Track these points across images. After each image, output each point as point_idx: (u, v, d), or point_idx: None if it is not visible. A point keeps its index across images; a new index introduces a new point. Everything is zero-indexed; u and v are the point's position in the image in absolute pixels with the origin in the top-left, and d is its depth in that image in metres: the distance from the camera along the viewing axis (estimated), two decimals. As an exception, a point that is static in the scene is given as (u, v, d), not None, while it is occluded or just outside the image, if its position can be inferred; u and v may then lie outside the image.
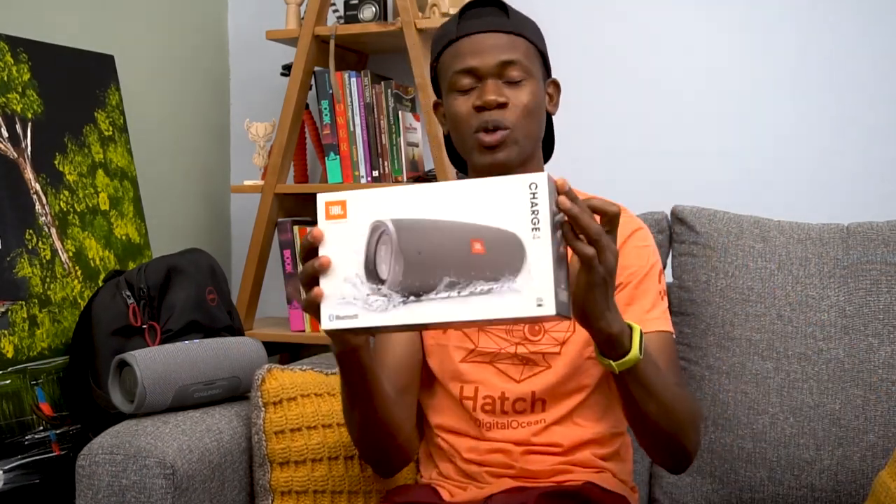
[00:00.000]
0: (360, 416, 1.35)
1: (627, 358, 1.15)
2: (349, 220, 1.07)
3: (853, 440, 1.59)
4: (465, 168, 1.51)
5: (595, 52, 2.35)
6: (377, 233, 1.07)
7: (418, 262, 1.05)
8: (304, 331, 2.38)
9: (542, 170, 1.46)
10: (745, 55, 2.26)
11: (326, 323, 1.09)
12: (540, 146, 1.45)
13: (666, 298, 1.42)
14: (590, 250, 1.06)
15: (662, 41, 2.32)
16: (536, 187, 1.02)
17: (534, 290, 1.02)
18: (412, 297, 1.06)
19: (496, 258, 1.03)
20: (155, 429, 1.46)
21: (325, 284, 1.08)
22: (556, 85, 1.46)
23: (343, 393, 1.33)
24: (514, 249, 1.03)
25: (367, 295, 1.07)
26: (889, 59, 2.16)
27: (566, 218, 1.05)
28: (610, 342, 1.15)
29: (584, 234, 1.05)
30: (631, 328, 1.17)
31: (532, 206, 1.02)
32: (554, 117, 1.48)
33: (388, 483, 1.52)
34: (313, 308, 1.09)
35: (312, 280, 1.09)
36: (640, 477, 1.70)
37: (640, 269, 1.40)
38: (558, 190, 1.05)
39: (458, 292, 1.04)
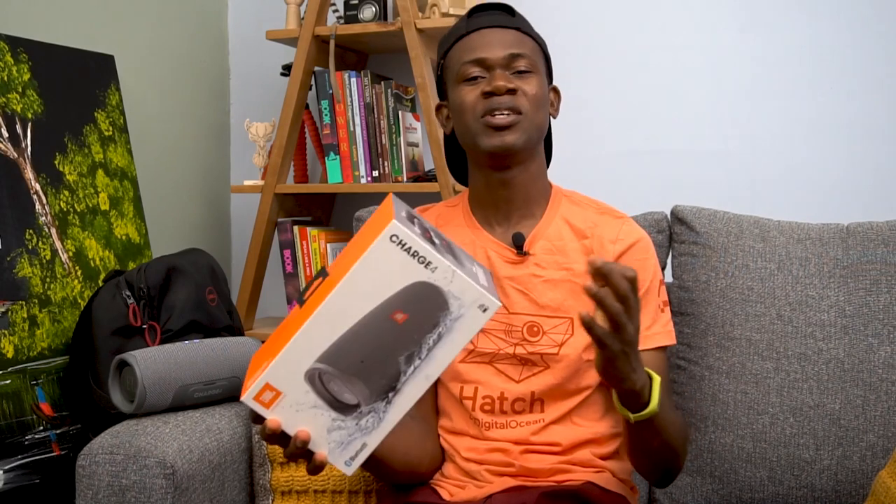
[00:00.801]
0: (391, 480, 1.43)
1: (646, 411, 1.19)
2: (285, 393, 1.06)
3: (853, 440, 1.59)
4: (462, 172, 1.51)
5: (595, 53, 2.35)
6: (316, 379, 1.06)
7: (368, 369, 1.06)
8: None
9: (544, 169, 1.47)
10: (745, 55, 2.26)
11: (349, 469, 1.10)
12: (542, 144, 1.45)
13: (668, 309, 1.44)
14: (602, 331, 1.08)
15: (662, 41, 2.32)
16: (397, 237, 1.01)
17: (471, 304, 1.04)
18: (391, 393, 1.07)
19: (421, 312, 1.05)
20: (155, 429, 1.46)
21: (316, 448, 1.09)
22: (557, 92, 1.48)
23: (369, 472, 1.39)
24: (428, 292, 1.04)
25: (357, 422, 1.08)
26: (889, 60, 2.16)
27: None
28: (633, 396, 1.18)
29: (617, 301, 1.07)
30: (651, 378, 1.19)
31: (409, 252, 1.02)
32: (554, 119, 1.49)
33: (389, 483, 1.52)
34: (324, 468, 1.11)
35: (304, 453, 1.10)
36: (640, 477, 1.70)
37: (640, 283, 1.39)
38: (592, 267, 1.06)
39: (419, 358, 1.07)
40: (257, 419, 1.10)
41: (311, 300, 1.07)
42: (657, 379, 1.19)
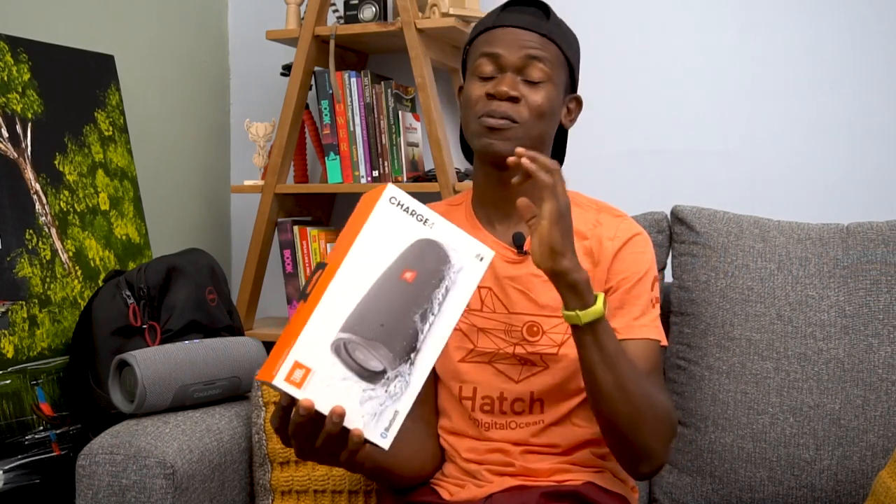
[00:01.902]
0: (395, 485, 1.43)
1: (592, 309, 1.21)
2: (315, 368, 1.07)
3: (853, 440, 1.59)
4: (472, 159, 1.51)
5: (595, 53, 2.35)
6: (341, 349, 1.09)
7: (388, 332, 1.10)
8: (304, 331, 2.37)
9: None
10: (745, 55, 2.26)
11: (385, 441, 1.11)
12: (545, 151, 1.43)
13: (658, 307, 1.41)
14: (549, 179, 1.18)
15: (663, 41, 2.32)
16: (395, 198, 1.12)
17: (468, 255, 1.14)
18: (413, 354, 1.11)
19: (427, 268, 1.11)
20: (155, 429, 1.46)
21: (350, 424, 1.09)
22: (579, 101, 1.46)
23: (373, 480, 1.41)
24: (430, 248, 1.12)
25: (386, 390, 1.10)
26: (889, 60, 2.16)
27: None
28: (575, 289, 1.20)
29: (543, 168, 1.18)
30: (595, 294, 1.23)
31: (408, 211, 1.12)
32: (567, 129, 1.48)
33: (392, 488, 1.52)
34: (360, 449, 1.11)
35: (340, 434, 1.09)
36: (640, 477, 1.70)
37: (634, 275, 1.40)
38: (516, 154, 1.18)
39: (433, 314, 1.12)
40: (278, 418, 1.10)
41: (319, 284, 1.10)
42: (601, 294, 1.23)
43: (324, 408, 1.07)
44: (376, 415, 1.09)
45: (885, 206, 2.12)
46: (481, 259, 1.14)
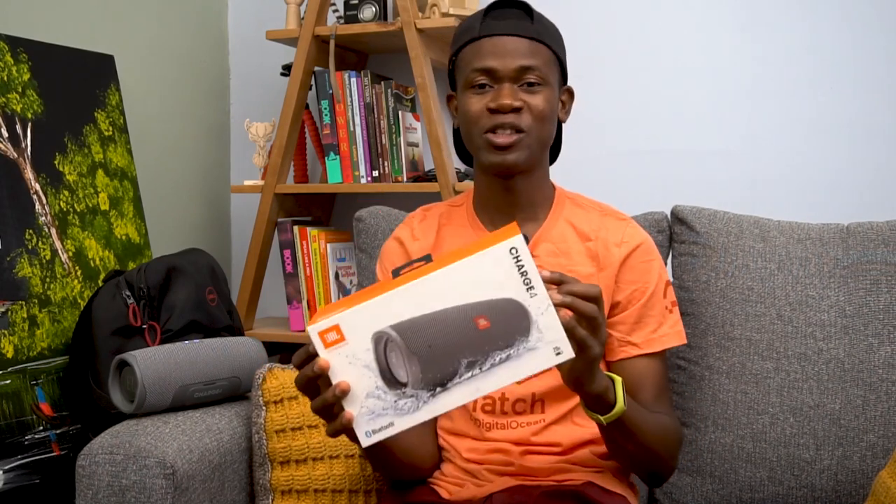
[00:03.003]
0: (388, 472, 1.43)
1: (614, 412, 1.21)
2: (349, 342, 1.08)
3: (853, 440, 1.59)
4: (471, 163, 1.51)
5: (595, 53, 2.35)
6: (381, 343, 1.08)
7: (431, 356, 1.07)
8: (303, 331, 2.37)
9: (548, 173, 1.47)
10: (745, 55, 2.26)
11: (366, 440, 1.10)
12: (546, 153, 1.45)
13: (676, 309, 1.46)
14: (584, 333, 1.10)
15: (662, 41, 2.32)
16: (517, 250, 1.05)
17: (548, 342, 1.07)
18: (438, 388, 1.08)
19: (503, 327, 1.06)
20: (155, 429, 1.46)
21: (349, 406, 1.09)
22: (570, 93, 1.46)
23: (368, 460, 1.39)
24: (517, 313, 1.06)
25: (395, 401, 1.09)
26: (889, 60, 2.16)
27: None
28: (598, 400, 1.20)
29: (580, 315, 1.10)
30: (613, 381, 1.21)
31: (519, 269, 1.05)
32: (564, 122, 1.48)
33: (389, 482, 1.52)
34: (346, 432, 1.11)
35: (334, 407, 1.10)
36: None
37: (646, 287, 1.42)
38: (548, 281, 1.09)
39: (480, 368, 1.08)
40: (300, 360, 1.11)
41: (409, 275, 1.08)
42: (618, 380, 1.22)
43: (334, 377, 1.08)
44: (374, 414, 1.09)
45: (885, 206, 2.12)
46: (558, 353, 1.07)
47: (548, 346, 1.07)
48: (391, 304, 1.07)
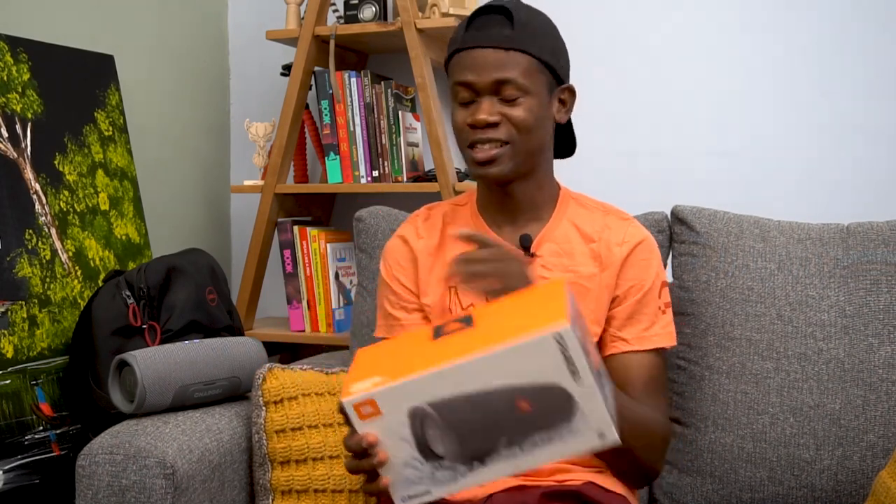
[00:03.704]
0: None
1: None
2: (385, 415, 1.06)
3: (853, 440, 1.59)
4: None
5: (595, 53, 2.35)
6: (418, 418, 1.06)
7: (470, 434, 1.05)
8: (303, 331, 2.38)
9: (550, 175, 1.46)
10: (745, 55, 2.26)
11: None
12: (545, 157, 1.43)
13: (669, 311, 1.46)
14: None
15: (662, 41, 2.32)
16: (563, 340, 1.00)
17: (592, 426, 1.03)
18: (476, 462, 1.06)
19: (545, 410, 1.03)
20: (155, 429, 1.46)
21: (385, 472, 1.08)
22: (572, 91, 1.43)
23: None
24: (561, 397, 1.03)
25: (433, 472, 1.07)
26: (889, 60, 2.16)
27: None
28: None
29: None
30: None
31: (565, 357, 1.01)
32: (561, 123, 1.45)
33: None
34: (384, 494, 1.10)
35: (371, 473, 1.10)
36: (640, 477, 1.70)
37: (643, 284, 1.42)
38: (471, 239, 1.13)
39: (520, 448, 1.05)
40: (348, 420, 1.10)
41: (449, 345, 1.06)
42: None
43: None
44: (409, 481, 1.08)
45: (885, 206, 2.12)
46: (601, 437, 1.04)
47: (591, 431, 1.03)
48: (429, 383, 1.04)
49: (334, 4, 2.40)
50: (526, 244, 1.42)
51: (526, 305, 1.07)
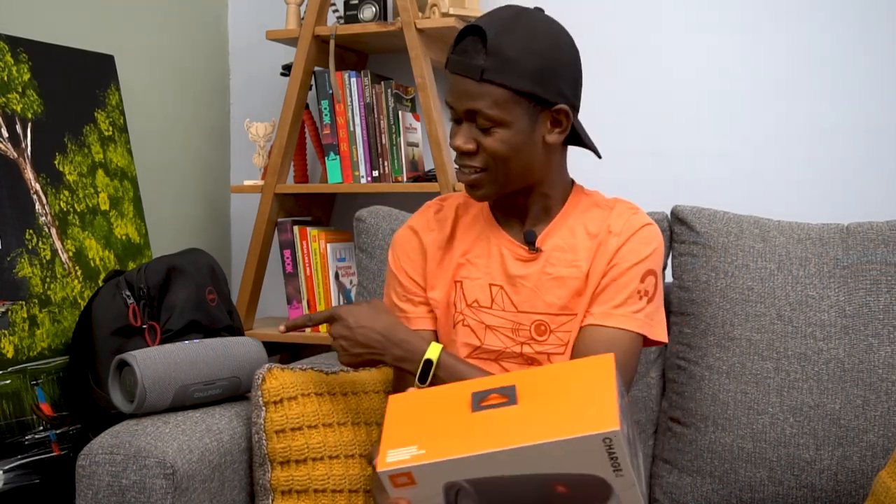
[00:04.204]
0: None
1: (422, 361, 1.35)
2: (419, 487, 1.06)
3: (853, 440, 1.59)
4: None
5: (595, 53, 2.35)
6: (453, 490, 1.06)
7: None
8: (304, 331, 2.38)
9: (557, 178, 1.45)
10: (745, 55, 2.26)
11: None
12: (542, 172, 1.40)
13: (651, 303, 1.40)
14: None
15: (663, 41, 2.32)
16: (610, 441, 1.01)
17: None
18: None
19: (582, 495, 1.04)
20: (155, 429, 1.46)
21: None
22: (565, 112, 1.35)
23: None
24: (600, 486, 1.03)
25: None
26: (889, 60, 2.16)
27: None
28: (406, 364, 1.39)
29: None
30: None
31: (610, 455, 1.02)
32: (556, 143, 1.38)
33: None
34: None
35: None
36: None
37: (624, 264, 1.39)
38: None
39: None
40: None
41: (491, 424, 1.06)
42: (436, 346, 1.35)
43: None
44: None
45: (886, 206, 2.12)
46: None
47: None
48: (470, 464, 1.04)
49: (334, 4, 2.40)
50: (530, 239, 1.42)
51: (575, 390, 1.07)
